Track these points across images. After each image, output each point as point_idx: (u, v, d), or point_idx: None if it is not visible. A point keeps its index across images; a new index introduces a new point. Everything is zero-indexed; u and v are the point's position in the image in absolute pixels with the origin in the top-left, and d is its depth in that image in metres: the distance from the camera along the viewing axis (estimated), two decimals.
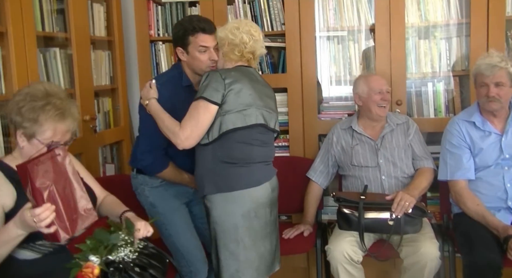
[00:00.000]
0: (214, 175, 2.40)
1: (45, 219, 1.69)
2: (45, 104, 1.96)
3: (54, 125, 1.96)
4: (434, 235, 2.78)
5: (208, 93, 2.33)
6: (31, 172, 1.70)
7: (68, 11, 3.02)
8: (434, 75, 3.41)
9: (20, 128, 1.97)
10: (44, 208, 1.69)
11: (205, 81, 2.38)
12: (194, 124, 2.34)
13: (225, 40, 2.48)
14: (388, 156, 2.97)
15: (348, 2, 3.44)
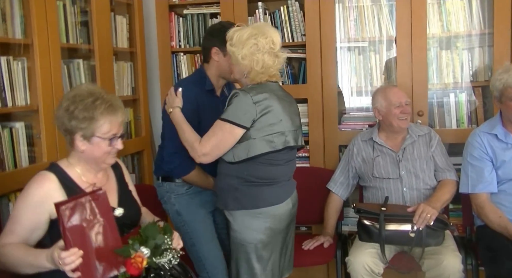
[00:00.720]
0: (236, 192, 2.37)
1: (70, 264, 1.66)
2: (94, 99, 1.95)
3: (109, 118, 1.96)
4: (457, 247, 2.74)
5: (236, 116, 2.27)
6: (62, 215, 1.69)
7: (91, 23, 3.08)
8: (456, 85, 3.38)
9: (78, 132, 1.95)
10: (70, 252, 1.66)
11: (233, 101, 2.30)
12: (215, 144, 2.31)
13: (248, 67, 2.34)
14: (410, 168, 2.94)
15: (369, 12, 3.44)
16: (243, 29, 2.34)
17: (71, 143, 2.00)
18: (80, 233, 1.72)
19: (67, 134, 1.99)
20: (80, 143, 1.97)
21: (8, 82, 2.46)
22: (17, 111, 2.57)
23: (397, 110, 2.95)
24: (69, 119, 1.94)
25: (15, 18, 2.52)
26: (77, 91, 1.99)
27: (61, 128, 2.00)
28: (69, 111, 1.94)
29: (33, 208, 1.88)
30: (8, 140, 2.47)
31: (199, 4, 3.69)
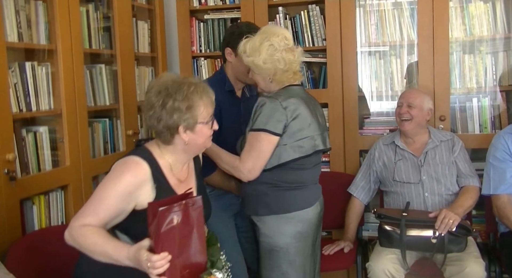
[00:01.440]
0: (266, 198, 2.34)
1: (159, 268, 1.61)
2: (188, 86, 1.88)
3: (205, 100, 1.91)
4: (480, 254, 2.70)
5: (271, 125, 2.23)
6: (161, 217, 1.62)
7: (114, 28, 3.12)
8: (479, 90, 3.34)
9: (181, 124, 1.87)
10: (161, 257, 1.60)
11: (262, 110, 2.26)
12: (256, 156, 2.26)
13: (272, 69, 2.30)
14: (432, 173, 2.91)
15: (390, 16, 3.42)
16: (252, 38, 2.33)
17: (169, 140, 1.91)
18: (171, 238, 1.66)
19: (167, 130, 1.88)
20: (184, 135, 1.89)
21: (33, 87, 2.50)
22: (41, 115, 2.61)
23: (397, 109, 3.01)
24: (170, 114, 1.85)
25: (40, 24, 2.56)
26: (162, 85, 1.89)
27: (159, 127, 1.89)
28: (167, 106, 1.85)
29: (124, 196, 1.82)
30: (32, 144, 2.51)
31: (220, 9, 3.71)
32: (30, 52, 2.56)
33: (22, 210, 2.41)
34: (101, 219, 1.80)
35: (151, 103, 1.88)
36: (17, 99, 2.41)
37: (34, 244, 2.30)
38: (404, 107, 2.97)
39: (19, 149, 2.40)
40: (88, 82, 2.92)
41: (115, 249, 1.73)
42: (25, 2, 2.49)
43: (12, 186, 2.27)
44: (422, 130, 3.01)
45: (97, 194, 1.84)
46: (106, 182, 1.85)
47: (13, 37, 2.39)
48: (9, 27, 2.36)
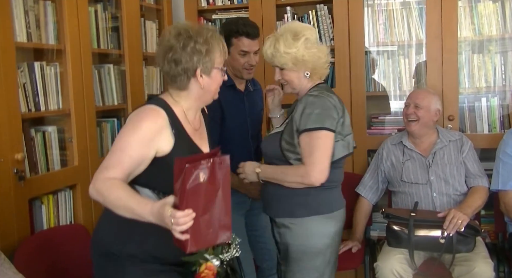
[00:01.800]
0: (308, 198, 2.24)
1: (182, 225, 1.55)
2: (207, 31, 1.88)
3: (220, 46, 1.91)
4: (489, 254, 2.69)
5: (328, 122, 2.16)
6: (187, 173, 1.57)
7: (122, 29, 3.13)
8: (488, 90, 3.33)
9: (199, 67, 1.86)
10: (185, 213, 1.55)
11: (314, 108, 2.17)
12: (321, 155, 2.15)
13: (311, 63, 2.24)
14: (440, 173, 2.89)
15: (398, 16, 3.41)
16: (282, 36, 2.24)
17: (185, 84, 1.89)
18: (196, 196, 1.60)
19: (184, 73, 1.87)
20: (201, 79, 1.88)
21: (41, 86, 2.52)
22: (50, 115, 2.63)
23: (405, 109, 3.00)
24: (190, 56, 1.84)
25: (49, 24, 2.58)
26: (181, 28, 1.87)
27: (177, 70, 1.86)
28: (188, 48, 1.84)
29: (146, 143, 1.79)
30: (41, 143, 2.53)
31: (228, 9, 3.72)
32: (39, 52, 2.58)
33: (31, 210, 2.43)
34: (125, 169, 1.76)
35: (170, 45, 1.86)
36: (26, 99, 2.43)
37: (42, 244, 2.32)
38: (411, 108, 2.96)
39: (28, 149, 2.42)
40: (97, 82, 2.93)
41: (139, 204, 1.68)
42: (34, 3, 2.50)
43: (21, 185, 2.29)
44: (430, 131, 3.00)
45: (117, 145, 1.80)
46: (126, 131, 1.82)
47: (22, 37, 2.41)
48: (18, 27, 2.38)
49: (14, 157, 2.26)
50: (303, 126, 2.17)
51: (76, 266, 2.41)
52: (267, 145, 2.35)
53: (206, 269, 1.79)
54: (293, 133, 2.21)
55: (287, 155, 2.22)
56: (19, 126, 2.32)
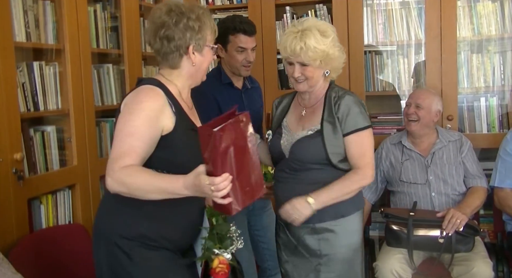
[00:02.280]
0: (355, 194, 2.23)
1: (223, 189, 1.55)
2: (199, 8, 1.87)
3: (211, 24, 1.89)
4: (488, 254, 2.69)
5: (368, 119, 2.20)
6: (216, 139, 1.55)
7: (121, 28, 3.13)
8: (487, 89, 3.33)
9: (191, 44, 1.84)
10: (223, 177, 1.54)
11: (354, 107, 2.16)
12: (372, 153, 2.21)
13: (334, 61, 2.22)
14: (439, 173, 2.90)
15: (397, 16, 3.41)
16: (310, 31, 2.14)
17: (177, 62, 1.87)
18: (228, 158, 1.59)
19: (177, 50, 1.84)
20: (193, 56, 1.86)
21: (40, 86, 2.52)
22: (49, 115, 2.63)
23: (405, 109, 3.01)
24: (183, 32, 1.81)
25: (48, 24, 2.58)
26: (172, 4, 1.85)
27: (169, 47, 1.83)
28: (181, 24, 1.81)
29: (153, 123, 1.74)
30: (40, 143, 2.53)
31: (227, 9, 3.71)
32: (38, 52, 2.58)
33: (30, 210, 2.43)
34: (140, 154, 1.70)
35: (162, 21, 1.82)
36: (25, 98, 2.43)
37: (39, 242, 2.32)
38: (412, 108, 2.96)
39: (27, 149, 2.42)
40: (96, 82, 2.93)
41: (170, 181, 1.65)
42: (33, 2, 2.50)
43: (20, 185, 2.29)
44: (430, 131, 3.00)
45: (123, 131, 1.72)
46: (128, 116, 1.74)
47: (21, 37, 2.41)
48: (17, 27, 2.38)
49: (13, 157, 2.26)
50: (352, 127, 2.16)
51: (74, 265, 2.41)
52: (303, 150, 2.20)
53: (220, 263, 1.79)
54: (337, 134, 2.17)
55: (332, 158, 2.17)
56: (18, 126, 2.32)
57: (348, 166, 2.21)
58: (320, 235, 2.22)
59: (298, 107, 2.34)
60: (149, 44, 1.92)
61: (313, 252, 2.24)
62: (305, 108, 2.30)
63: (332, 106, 2.20)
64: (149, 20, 1.90)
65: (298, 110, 2.33)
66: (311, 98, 2.28)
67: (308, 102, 2.29)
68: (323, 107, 2.23)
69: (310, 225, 2.21)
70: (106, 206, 1.88)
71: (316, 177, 2.19)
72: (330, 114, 2.19)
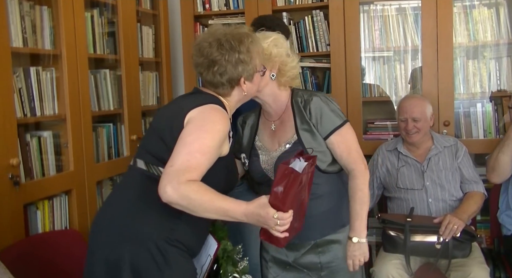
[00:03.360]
0: (347, 201, 2.18)
1: (286, 225, 1.68)
2: (247, 37, 1.89)
3: (258, 50, 1.93)
4: (485, 260, 2.70)
5: (342, 115, 2.13)
6: (297, 180, 1.68)
7: (118, 34, 3.13)
8: (483, 95, 3.34)
9: (243, 75, 1.88)
10: (290, 214, 1.67)
11: (327, 107, 2.10)
12: (357, 146, 2.14)
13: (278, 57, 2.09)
14: (435, 179, 2.90)
15: (394, 22, 3.42)
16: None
17: (229, 92, 1.91)
18: (295, 196, 1.72)
19: (229, 83, 1.88)
20: (244, 85, 1.90)
21: (37, 91, 2.51)
22: (45, 120, 2.62)
23: (402, 124, 2.97)
24: (235, 67, 1.85)
25: (45, 29, 2.58)
26: (220, 38, 1.86)
27: (221, 80, 1.87)
28: (233, 60, 1.84)
29: (220, 146, 1.78)
30: (36, 148, 2.52)
31: (224, 15, 3.72)
32: (35, 57, 2.57)
33: (26, 215, 2.41)
34: (203, 172, 1.71)
35: (214, 59, 1.85)
36: (22, 104, 2.42)
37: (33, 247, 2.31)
38: (410, 123, 2.92)
39: (23, 154, 2.41)
40: (93, 87, 2.92)
41: (232, 205, 1.69)
42: (30, 8, 2.50)
43: (16, 191, 2.28)
44: (426, 137, 3.00)
45: (194, 146, 1.71)
46: (204, 134, 1.75)
47: (18, 42, 2.41)
48: (14, 32, 2.38)
49: (9, 162, 2.25)
50: (330, 128, 2.09)
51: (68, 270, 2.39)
52: None
53: None
54: (317, 139, 2.10)
55: (320, 165, 2.09)
56: (15, 131, 2.32)
57: (337, 167, 2.15)
58: (321, 248, 2.17)
59: (266, 123, 2.23)
60: (199, 73, 1.93)
61: (313, 266, 2.18)
62: (273, 122, 2.20)
63: (303, 112, 2.11)
64: (197, 51, 1.90)
65: (267, 126, 2.22)
66: (275, 109, 2.17)
67: (275, 114, 2.18)
68: (293, 116, 2.13)
69: (312, 242, 2.16)
70: (141, 209, 1.82)
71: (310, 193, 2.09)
72: (303, 120, 2.11)
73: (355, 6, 3.38)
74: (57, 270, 2.36)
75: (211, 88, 1.92)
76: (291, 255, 2.21)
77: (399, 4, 3.43)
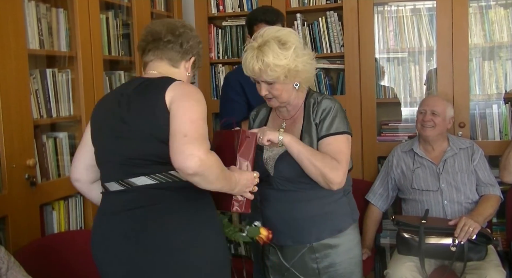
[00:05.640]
0: (349, 206, 2.17)
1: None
2: None
3: None
4: (501, 263, 2.67)
5: (349, 127, 2.09)
6: (254, 142, 1.92)
7: (133, 35, 3.15)
8: (500, 96, 3.31)
9: (193, 57, 1.92)
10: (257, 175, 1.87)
11: (337, 112, 2.06)
12: (347, 159, 2.04)
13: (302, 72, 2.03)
14: (451, 181, 2.88)
15: (409, 23, 3.41)
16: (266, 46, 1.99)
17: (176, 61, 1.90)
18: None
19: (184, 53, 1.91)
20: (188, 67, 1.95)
21: (53, 93, 2.54)
22: (61, 121, 2.65)
23: (420, 116, 2.97)
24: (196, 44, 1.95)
25: (61, 31, 2.61)
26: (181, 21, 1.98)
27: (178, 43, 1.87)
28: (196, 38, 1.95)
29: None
30: (52, 149, 2.55)
31: (238, 16, 3.73)
32: (51, 59, 2.60)
33: (42, 215, 2.44)
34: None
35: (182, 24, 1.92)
36: (38, 105, 2.45)
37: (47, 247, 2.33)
38: (428, 115, 2.93)
39: (39, 155, 2.43)
40: (107, 89, 2.94)
41: (236, 174, 1.78)
42: (47, 10, 2.53)
43: (32, 191, 2.31)
44: (442, 138, 2.98)
45: (193, 112, 1.66)
46: (193, 102, 1.68)
47: (35, 44, 2.44)
48: (31, 34, 2.40)
49: (26, 163, 2.28)
50: (328, 130, 2.04)
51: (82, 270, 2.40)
52: (288, 166, 2.05)
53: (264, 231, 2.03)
54: (312, 141, 2.06)
55: None
56: (31, 132, 2.34)
57: None
58: (318, 253, 2.11)
59: (277, 119, 2.21)
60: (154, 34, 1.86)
61: (310, 272, 2.12)
62: (284, 120, 2.17)
63: (311, 113, 2.09)
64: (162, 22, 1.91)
65: (277, 122, 2.20)
66: (290, 110, 2.15)
67: (287, 114, 2.17)
68: (303, 117, 2.11)
69: (307, 245, 2.11)
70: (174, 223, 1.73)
71: (307, 193, 2.08)
72: (309, 122, 2.08)
73: (369, 7, 3.37)
74: (72, 270, 2.38)
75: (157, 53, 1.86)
76: (287, 260, 2.14)
77: (413, 5, 3.41)
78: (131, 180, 1.71)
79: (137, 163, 1.71)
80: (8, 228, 2.22)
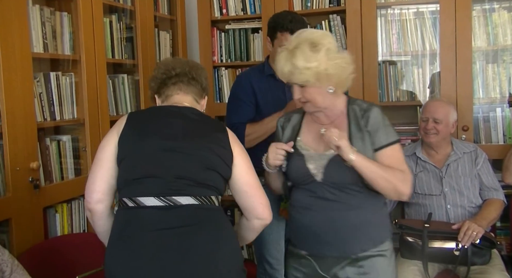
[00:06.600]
0: (387, 215, 2.17)
1: None
2: None
3: None
4: (505, 267, 2.65)
5: (396, 133, 2.07)
6: None
7: (136, 39, 3.16)
8: (503, 100, 3.30)
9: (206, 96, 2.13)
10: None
11: (385, 121, 2.04)
12: (408, 168, 2.05)
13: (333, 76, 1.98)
14: (454, 185, 2.87)
15: (412, 26, 3.40)
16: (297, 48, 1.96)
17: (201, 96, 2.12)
18: None
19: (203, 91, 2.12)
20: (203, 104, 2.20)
21: (57, 96, 2.55)
22: (65, 124, 2.65)
23: (422, 124, 2.95)
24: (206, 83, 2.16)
25: (65, 35, 2.62)
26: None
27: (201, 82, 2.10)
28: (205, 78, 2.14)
29: None
30: (55, 152, 2.55)
31: (241, 19, 3.74)
32: (55, 62, 2.61)
33: (45, 218, 2.44)
34: None
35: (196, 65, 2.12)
36: (42, 108, 2.46)
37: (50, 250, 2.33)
38: (430, 123, 2.90)
39: (43, 158, 2.44)
40: (111, 92, 2.96)
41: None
42: (51, 14, 2.54)
43: (36, 194, 2.31)
44: (446, 143, 2.97)
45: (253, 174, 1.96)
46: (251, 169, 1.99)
47: (39, 48, 2.45)
48: (35, 38, 2.42)
49: (29, 165, 2.28)
50: (385, 140, 2.01)
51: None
52: (340, 170, 1.99)
53: None
54: (366, 151, 1.99)
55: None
56: (35, 135, 2.35)
57: None
58: (362, 262, 2.05)
59: (312, 124, 2.13)
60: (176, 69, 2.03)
61: None
62: (322, 125, 2.09)
63: (359, 120, 2.03)
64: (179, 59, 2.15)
65: (314, 128, 2.11)
66: (330, 115, 2.08)
67: (326, 119, 2.09)
68: (348, 123, 2.05)
69: (352, 256, 2.04)
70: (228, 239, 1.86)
71: (356, 202, 2.02)
72: (358, 128, 2.02)
73: (373, 10, 3.37)
74: (75, 272, 2.38)
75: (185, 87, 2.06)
76: (324, 268, 2.07)
77: (417, 8, 3.41)
78: (174, 198, 1.75)
79: (186, 183, 1.78)
80: (11, 230, 2.23)
